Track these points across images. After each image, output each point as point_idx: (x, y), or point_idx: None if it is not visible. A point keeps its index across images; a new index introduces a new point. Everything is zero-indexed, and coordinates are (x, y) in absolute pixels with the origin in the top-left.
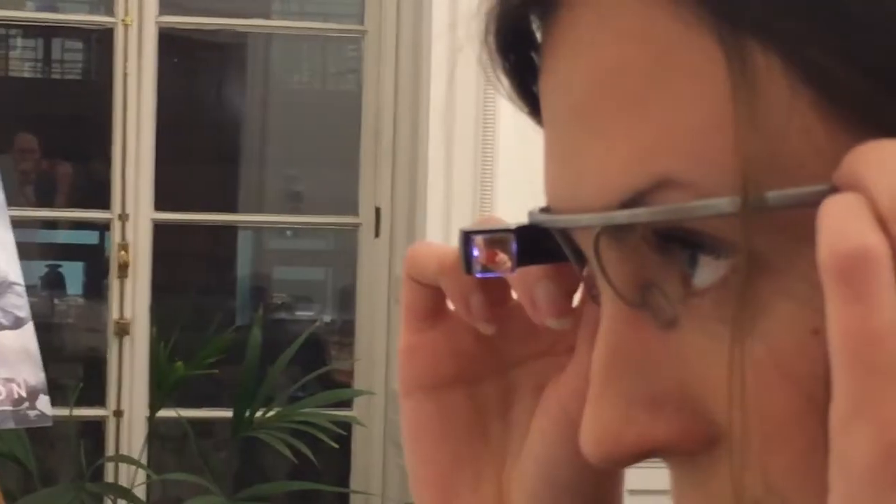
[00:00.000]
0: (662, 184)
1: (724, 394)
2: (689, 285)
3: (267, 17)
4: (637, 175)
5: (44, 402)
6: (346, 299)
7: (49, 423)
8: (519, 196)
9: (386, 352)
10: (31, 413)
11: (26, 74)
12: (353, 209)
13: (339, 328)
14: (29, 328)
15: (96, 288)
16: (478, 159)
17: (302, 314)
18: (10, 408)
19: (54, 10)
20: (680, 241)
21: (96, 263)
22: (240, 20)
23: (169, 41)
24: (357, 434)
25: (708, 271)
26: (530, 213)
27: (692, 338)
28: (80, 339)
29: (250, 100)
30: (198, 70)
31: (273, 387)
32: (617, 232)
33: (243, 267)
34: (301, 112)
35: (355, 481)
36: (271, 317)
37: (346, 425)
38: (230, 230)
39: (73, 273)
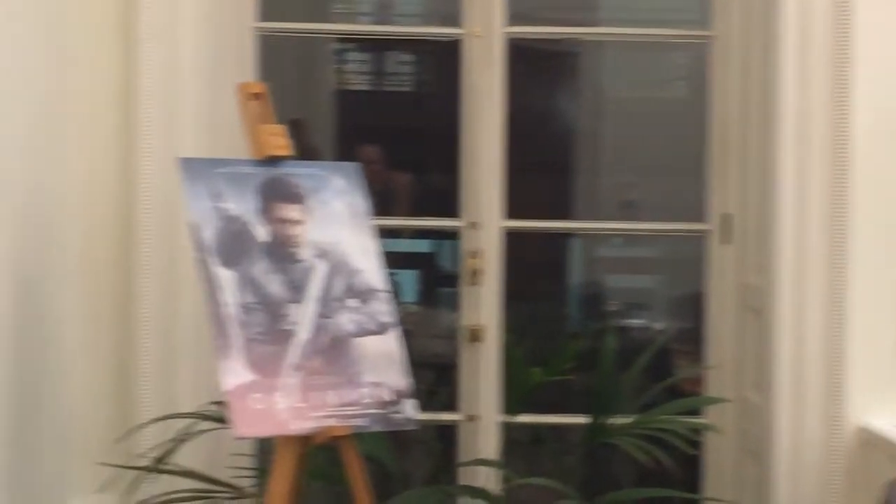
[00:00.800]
0: None
1: None
2: None
3: (594, 25)
4: None
5: (409, 406)
6: (681, 306)
7: (415, 427)
8: (875, 201)
9: (737, 359)
10: (397, 416)
11: (362, 87)
12: (688, 215)
13: (676, 335)
14: (393, 334)
15: (430, 295)
16: (832, 163)
17: (633, 321)
18: (378, 410)
19: (386, 23)
20: None
21: (429, 271)
22: (583, 29)
23: (509, 52)
24: (709, 442)
25: None
26: None
27: None
28: (418, 345)
29: (582, 107)
30: (531, 79)
31: (625, 393)
32: None
33: (575, 274)
34: (632, 119)
35: (709, 489)
36: (605, 323)
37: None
38: (560, 238)
39: (406, 281)
